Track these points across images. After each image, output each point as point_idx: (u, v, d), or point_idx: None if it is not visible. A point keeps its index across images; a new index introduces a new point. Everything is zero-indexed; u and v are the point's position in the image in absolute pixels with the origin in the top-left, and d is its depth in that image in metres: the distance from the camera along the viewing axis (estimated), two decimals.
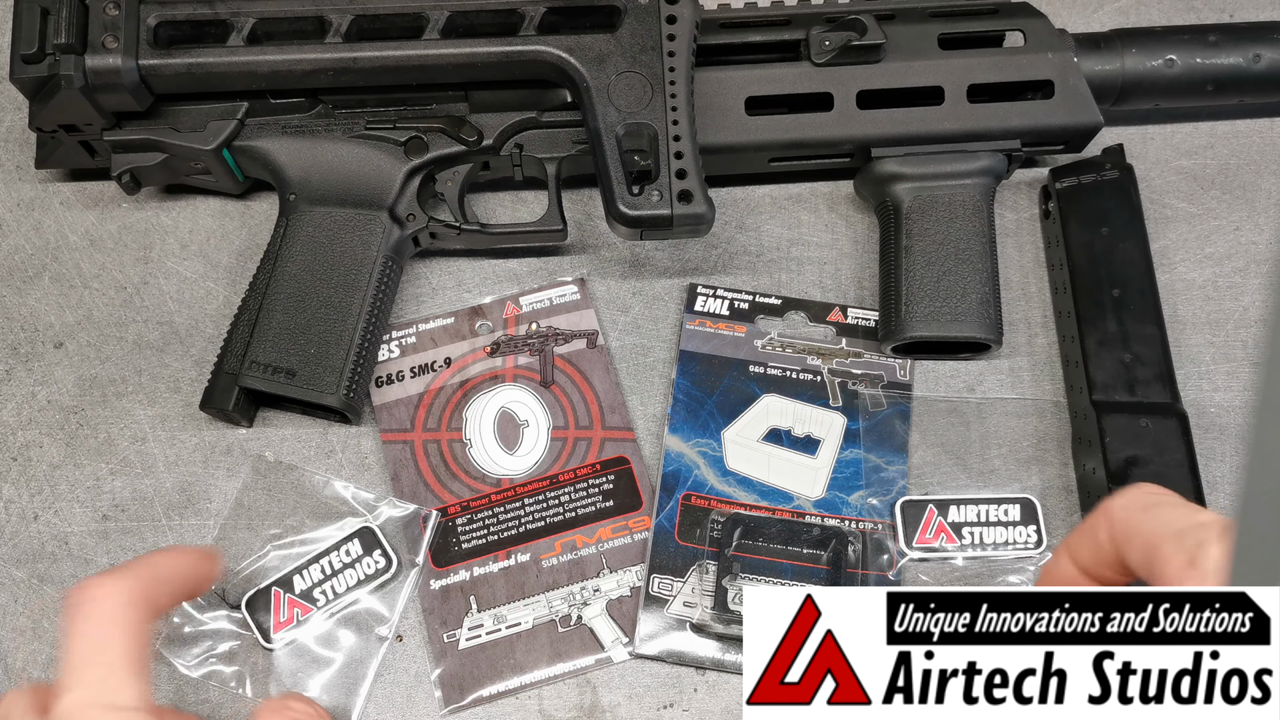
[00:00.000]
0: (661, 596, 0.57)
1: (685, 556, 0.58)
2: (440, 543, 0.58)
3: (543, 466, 0.60)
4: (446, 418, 0.61)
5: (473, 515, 0.59)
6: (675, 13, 0.60)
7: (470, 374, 0.62)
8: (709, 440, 0.60)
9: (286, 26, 0.60)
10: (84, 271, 0.65)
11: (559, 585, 0.58)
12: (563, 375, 0.62)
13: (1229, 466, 0.60)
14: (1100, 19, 0.73)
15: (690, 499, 0.59)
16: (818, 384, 0.62)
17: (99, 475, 0.60)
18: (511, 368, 0.62)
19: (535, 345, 0.62)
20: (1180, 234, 0.67)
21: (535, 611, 0.57)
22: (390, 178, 0.62)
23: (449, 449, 0.60)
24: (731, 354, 0.63)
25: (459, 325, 0.63)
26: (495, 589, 0.57)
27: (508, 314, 0.63)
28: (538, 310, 0.63)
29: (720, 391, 0.62)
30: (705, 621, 0.56)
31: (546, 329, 0.63)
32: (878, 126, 0.63)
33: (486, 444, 0.61)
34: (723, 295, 0.64)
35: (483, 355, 0.62)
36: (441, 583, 0.58)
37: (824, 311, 0.64)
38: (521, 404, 0.61)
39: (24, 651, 0.57)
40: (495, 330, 0.63)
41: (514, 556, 0.58)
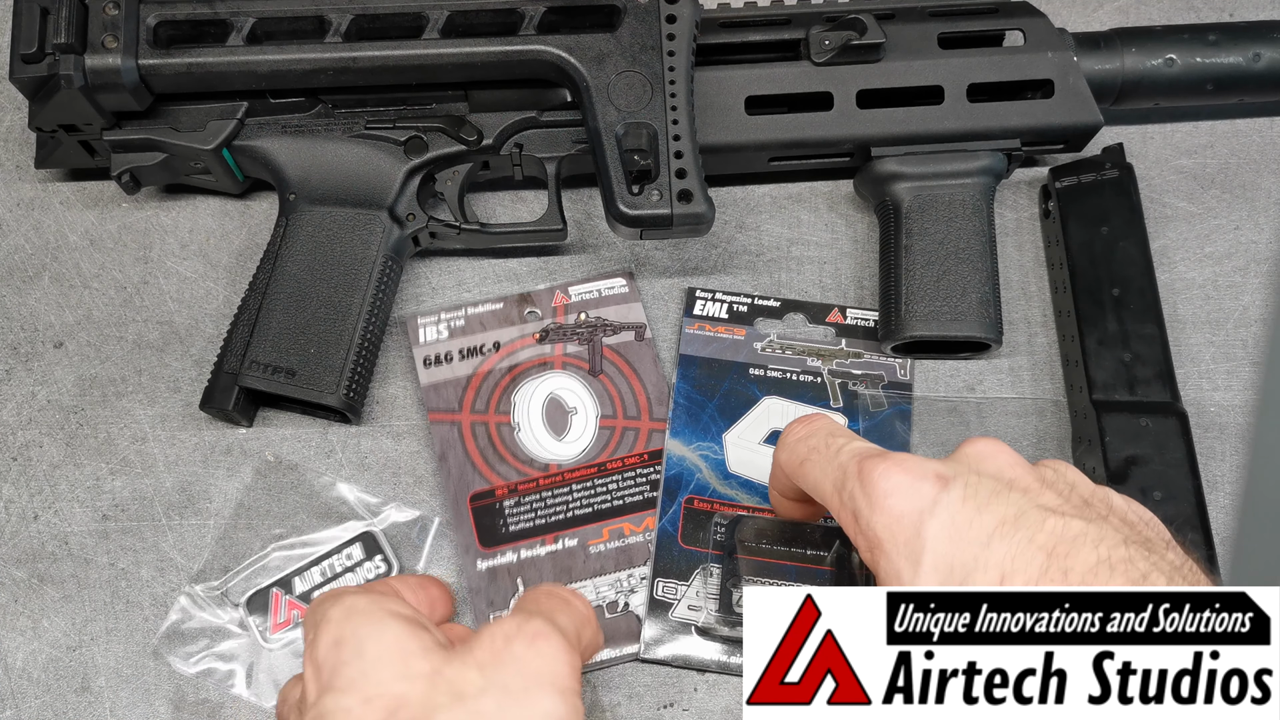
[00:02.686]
0: (666, 600, 0.57)
1: (689, 560, 0.57)
2: (488, 524, 0.58)
3: (591, 454, 0.60)
4: (495, 401, 0.61)
5: (520, 498, 0.59)
6: (675, 12, 0.60)
7: (519, 359, 0.62)
8: (710, 444, 0.60)
9: (286, 26, 0.60)
10: (84, 271, 0.65)
11: (606, 572, 0.58)
12: (611, 366, 0.62)
13: (1229, 466, 0.60)
14: (1100, 18, 0.73)
15: (693, 502, 0.59)
16: (818, 385, 0.62)
17: (99, 475, 0.60)
18: (560, 355, 0.62)
19: (584, 335, 0.62)
20: (1180, 233, 0.67)
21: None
22: (390, 177, 0.62)
23: (497, 432, 0.60)
24: (731, 357, 0.62)
25: (508, 311, 0.63)
26: (542, 572, 0.57)
27: (556, 303, 0.63)
28: (586, 301, 0.63)
29: (721, 395, 0.61)
30: (710, 625, 0.56)
31: (595, 319, 0.63)
32: (877, 126, 0.63)
33: (535, 429, 0.61)
34: (721, 299, 0.64)
35: (531, 341, 0.62)
36: (488, 564, 0.57)
37: (823, 312, 0.64)
38: (570, 391, 0.61)
39: (24, 651, 0.57)
40: (544, 318, 0.63)
41: (561, 541, 0.58)
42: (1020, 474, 0.42)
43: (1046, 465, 0.44)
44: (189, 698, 0.55)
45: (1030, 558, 0.39)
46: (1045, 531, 0.40)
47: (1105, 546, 0.40)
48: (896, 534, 0.41)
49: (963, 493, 0.41)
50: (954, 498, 0.41)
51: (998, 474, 0.42)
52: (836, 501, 0.44)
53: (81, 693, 0.56)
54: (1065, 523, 0.40)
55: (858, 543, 0.43)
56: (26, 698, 0.56)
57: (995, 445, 0.44)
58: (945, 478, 0.41)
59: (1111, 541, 0.40)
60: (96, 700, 0.56)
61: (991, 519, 0.40)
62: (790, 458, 0.48)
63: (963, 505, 0.40)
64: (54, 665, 0.56)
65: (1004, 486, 0.41)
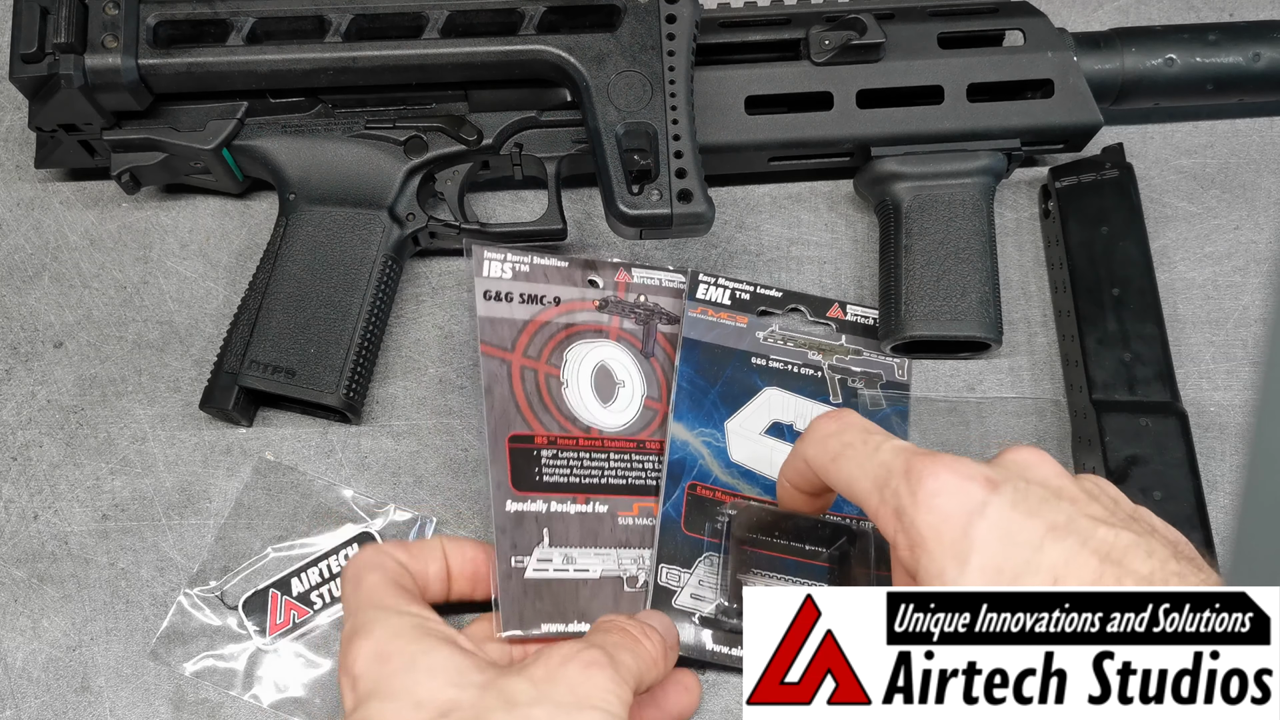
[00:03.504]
0: (669, 587, 0.56)
1: (692, 547, 0.57)
2: (523, 468, 0.58)
3: (632, 429, 0.60)
4: (548, 352, 0.61)
5: (558, 452, 0.59)
6: (675, 12, 0.60)
7: (577, 320, 0.62)
8: (713, 430, 0.60)
9: (286, 26, 0.60)
10: (84, 271, 0.65)
11: (631, 545, 0.57)
12: (661, 352, 0.62)
13: (1229, 466, 0.60)
14: (1100, 18, 0.73)
15: (696, 489, 0.59)
16: (819, 380, 0.62)
17: (99, 475, 0.60)
18: (616, 328, 0.62)
19: (642, 315, 0.63)
20: (1180, 233, 0.67)
21: (605, 564, 0.57)
22: (390, 177, 0.62)
23: (545, 382, 0.60)
24: (734, 344, 0.62)
25: (571, 271, 0.63)
26: (569, 529, 0.57)
27: (619, 279, 0.63)
28: (647, 286, 0.64)
29: (723, 381, 0.61)
30: (715, 616, 0.56)
31: (654, 305, 0.63)
32: (877, 126, 0.63)
33: (582, 389, 0.61)
34: (724, 284, 0.63)
35: (591, 307, 0.62)
36: (518, 507, 0.57)
37: (824, 307, 0.64)
38: (620, 364, 0.62)
39: (24, 651, 0.57)
40: (605, 289, 0.63)
41: (592, 504, 0.58)
42: (1066, 484, 0.42)
43: (1086, 478, 0.44)
44: (189, 698, 0.55)
45: (1084, 562, 0.39)
46: (1097, 539, 0.40)
47: (1157, 559, 0.40)
48: (943, 533, 0.41)
49: (1012, 497, 0.41)
50: (1004, 501, 0.40)
51: (1044, 482, 0.42)
52: (876, 499, 0.44)
53: (81, 693, 0.56)
54: (1116, 533, 0.40)
55: (897, 540, 0.43)
56: (26, 697, 0.56)
57: (1040, 454, 0.44)
58: (994, 481, 0.41)
59: (1162, 555, 0.40)
60: (96, 700, 0.56)
61: (1042, 524, 0.40)
62: (820, 453, 0.47)
63: (1013, 509, 0.40)
64: (54, 665, 0.56)
65: (1052, 494, 0.41)
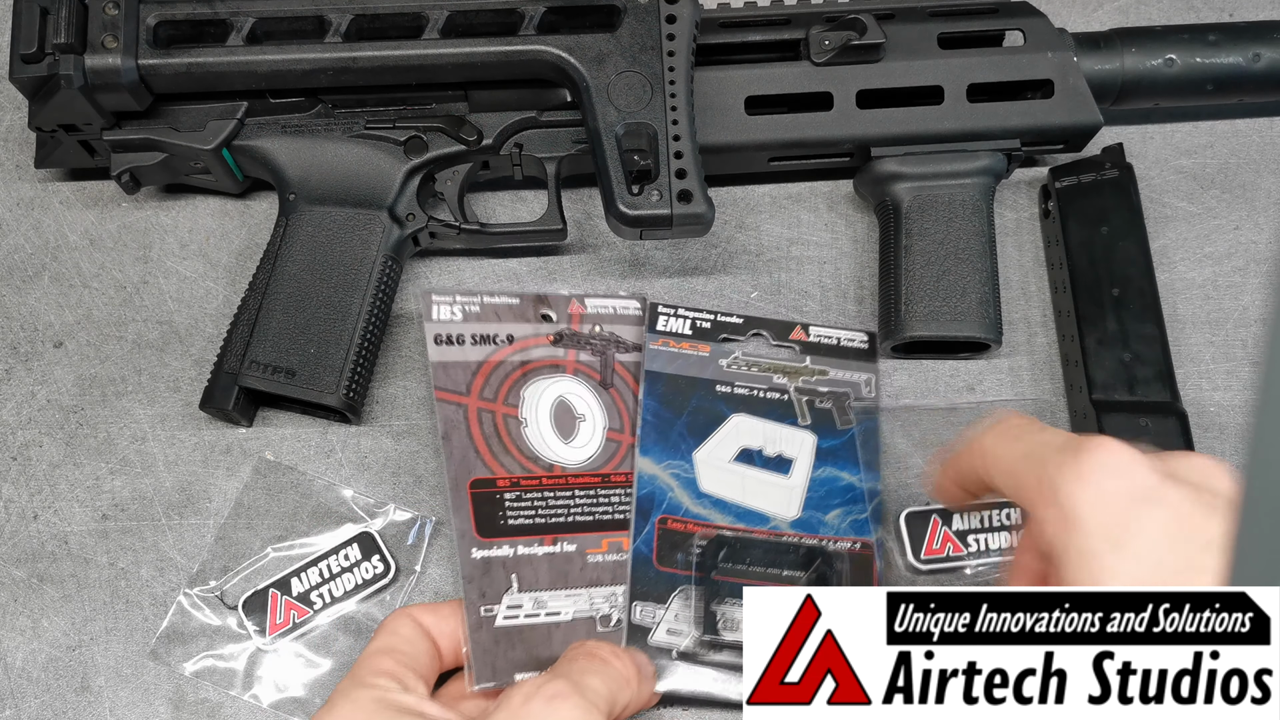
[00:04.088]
0: (644, 624, 0.55)
1: (665, 582, 0.56)
2: (487, 513, 0.57)
3: (596, 463, 0.59)
4: (504, 392, 0.60)
5: (522, 493, 0.58)
6: (675, 12, 0.60)
7: (531, 356, 0.61)
8: (681, 462, 0.59)
9: (286, 26, 0.60)
10: (84, 271, 0.65)
11: (602, 584, 0.56)
12: (621, 382, 0.61)
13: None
14: (1100, 18, 0.73)
15: (667, 522, 0.57)
16: (785, 403, 0.61)
17: (99, 475, 0.60)
18: (573, 361, 0.61)
19: (598, 346, 0.61)
20: (1180, 233, 0.67)
21: (577, 605, 0.56)
22: (390, 177, 0.62)
23: (503, 423, 0.59)
24: (697, 373, 0.61)
25: (524, 308, 0.62)
26: (538, 572, 0.56)
27: (572, 310, 0.62)
28: (601, 315, 0.63)
29: (689, 412, 0.60)
30: (693, 649, 0.54)
31: (610, 335, 0.62)
32: (877, 126, 0.63)
33: (542, 427, 0.60)
34: (684, 314, 0.62)
35: (546, 342, 0.62)
36: (484, 554, 0.56)
37: (786, 330, 0.62)
38: (580, 398, 0.61)
39: (24, 651, 0.57)
40: (559, 322, 0.62)
41: (560, 544, 0.57)
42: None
43: None
44: (188, 698, 0.55)
45: None
46: None
47: None
48: (1099, 513, 0.39)
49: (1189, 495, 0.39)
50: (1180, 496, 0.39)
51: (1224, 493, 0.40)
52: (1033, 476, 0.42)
53: (81, 692, 0.56)
54: None
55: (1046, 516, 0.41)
56: (26, 697, 0.56)
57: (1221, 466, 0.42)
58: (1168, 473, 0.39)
59: None
60: (96, 700, 0.56)
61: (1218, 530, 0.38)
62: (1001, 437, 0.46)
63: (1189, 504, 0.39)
64: (54, 665, 0.56)
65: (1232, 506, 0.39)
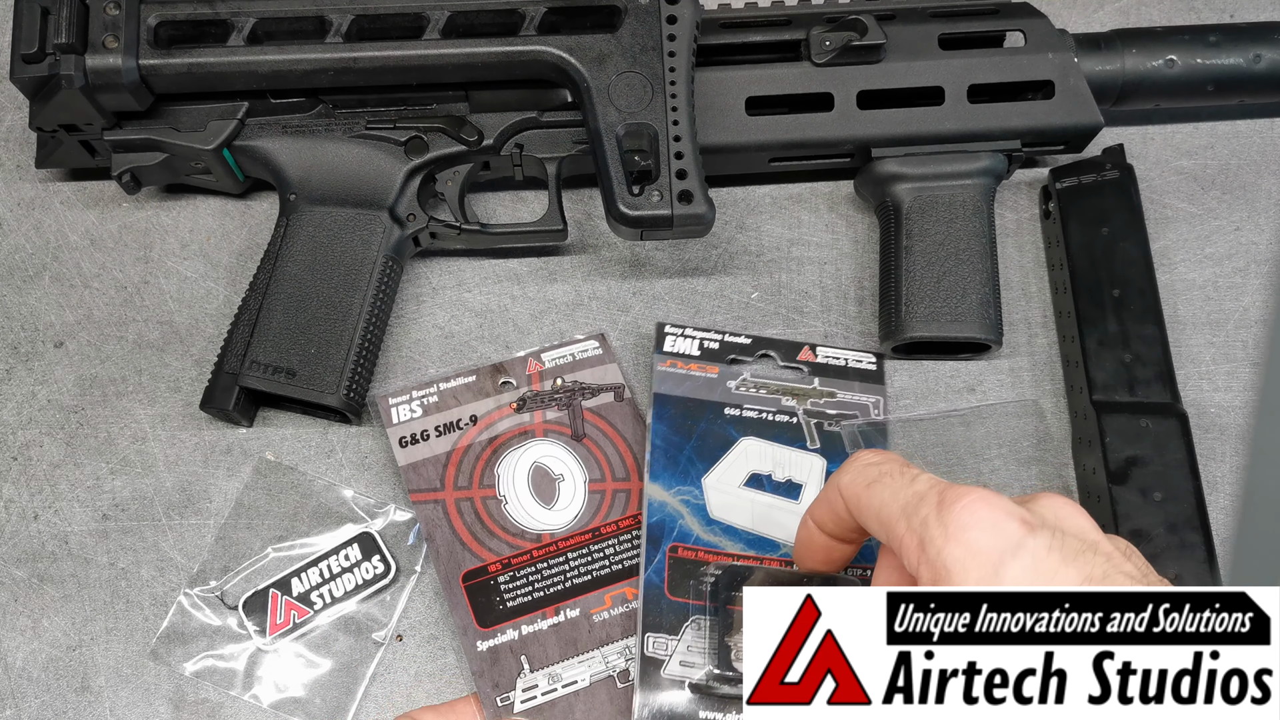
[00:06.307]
0: (657, 657, 0.53)
1: (677, 613, 0.54)
2: (484, 602, 0.56)
3: (583, 520, 0.58)
4: (478, 475, 0.59)
5: (515, 572, 0.57)
6: (676, 13, 0.60)
7: (498, 430, 0.60)
8: (690, 488, 0.58)
9: (287, 26, 0.60)
10: (84, 271, 0.65)
11: (613, 640, 0.55)
12: (594, 429, 0.60)
13: (1229, 466, 0.60)
14: (1100, 19, 0.73)
15: (677, 550, 0.56)
16: (794, 425, 0.60)
17: (99, 475, 0.60)
18: (540, 423, 0.60)
19: (563, 400, 0.60)
20: (1180, 234, 0.67)
21: (592, 668, 0.54)
22: (390, 177, 0.62)
23: (483, 506, 0.58)
24: (706, 396, 0.60)
25: (481, 383, 0.61)
26: (547, 647, 0.55)
27: (530, 370, 0.61)
28: (560, 366, 0.62)
29: (698, 435, 0.59)
30: (706, 682, 0.53)
31: (573, 383, 0.61)
32: (878, 126, 0.63)
33: (522, 500, 0.59)
34: (692, 335, 0.62)
35: (509, 411, 0.60)
36: (489, 644, 0.55)
37: (794, 350, 0.62)
38: (555, 458, 0.59)
39: (24, 651, 0.57)
40: (519, 387, 0.61)
41: (563, 612, 0.56)
42: (1100, 539, 0.42)
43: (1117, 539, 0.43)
44: (189, 698, 0.55)
45: None
46: None
47: None
48: (970, 569, 0.40)
49: (1049, 542, 0.40)
50: (1040, 545, 0.40)
51: (1080, 533, 0.41)
52: (903, 527, 0.42)
53: (81, 692, 0.56)
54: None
55: (919, 572, 0.41)
56: (26, 697, 0.56)
57: (1074, 505, 0.43)
58: (1031, 524, 0.40)
59: None
60: (96, 700, 0.56)
61: (1077, 574, 0.39)
62: (856, 480, 0.46)
63: (1048, 554, 0.39)
64: (54, 665, 0.56)
65: (1088, 547, 0.40)
